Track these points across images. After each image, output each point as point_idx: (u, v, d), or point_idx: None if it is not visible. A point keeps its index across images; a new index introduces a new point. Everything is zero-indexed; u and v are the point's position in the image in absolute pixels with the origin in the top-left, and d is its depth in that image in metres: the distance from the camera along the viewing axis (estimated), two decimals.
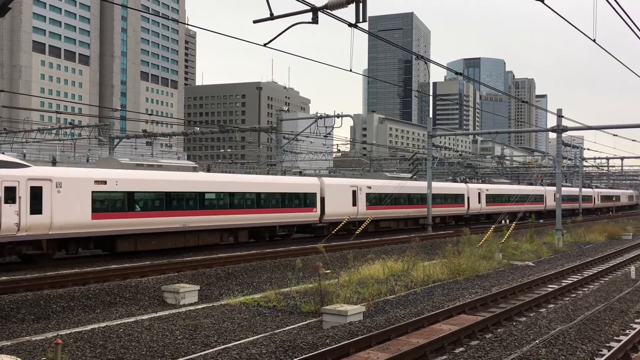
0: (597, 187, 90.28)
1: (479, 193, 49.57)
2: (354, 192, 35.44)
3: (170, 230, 25.21)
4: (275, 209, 30.28)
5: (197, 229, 26.39)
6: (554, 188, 64.08)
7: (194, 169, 28.28)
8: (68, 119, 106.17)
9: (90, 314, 14.12)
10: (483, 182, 60.37)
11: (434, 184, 42.64)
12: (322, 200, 33.05)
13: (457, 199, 46.21)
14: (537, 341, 10.93)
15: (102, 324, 12.62)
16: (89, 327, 12.30)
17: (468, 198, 47.66)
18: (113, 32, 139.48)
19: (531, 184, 70.35)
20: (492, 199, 51.65)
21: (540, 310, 14.60)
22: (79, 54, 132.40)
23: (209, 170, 30.89)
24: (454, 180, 54.43)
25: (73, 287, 16.15)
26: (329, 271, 18.63)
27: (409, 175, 47.09)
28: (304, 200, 31.93)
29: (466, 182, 50.78)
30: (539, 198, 60.54)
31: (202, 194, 26.49)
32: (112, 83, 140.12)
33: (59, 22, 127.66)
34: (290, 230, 32.21)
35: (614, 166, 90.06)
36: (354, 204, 35.28)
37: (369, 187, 36.79)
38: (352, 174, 76.90)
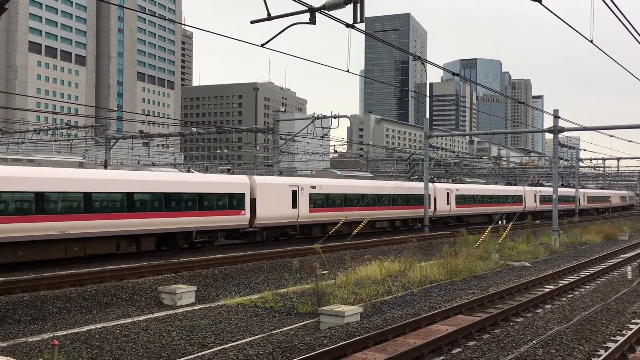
0: (584, 187, 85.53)
1: (448, 193, 45.26)
2: (295, 193, 31.51)
3: (44, 238, 21.24)
4: (190, 212, 26.17)
5: (81, 236, 22.33)
6: (535, 188, 60.96)
7: (80, 165, 24.61)
8: (64, 120, 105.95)
9: (86, 315, 14.09)
10: (454, 181, 55.77)
11: (392, 183, 39.93)
12: (253, 201, 28.93)
13: (421, 200, 40.71)
14: (534, 342, 10.94)
15: (99, 325, 12.59)
16: (86, 328, 12.27)
17: (435, 199, 43.42)
18: (109, 33, 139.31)
19: (510, 184, 66.16)
20: (462, 199, 47.46)
21: (537, 310, 14.62)
22: (75, 54, 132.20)
23: (105, 167, 26.37)
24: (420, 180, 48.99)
25: (69, 288, 16.11)
26: (326, 272, 18.62)
27: (369, 174, 42.83)
28: (229, 202, 27.81)
29: (433, 182, 46.58)
30: (517, 199, 56.27)
31: (88, 194, 22.53)
32: (109, 83, 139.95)
33: (55, 23, 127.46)
34: (212, 237, 28.16)
35: (610, 167, 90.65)
36: (294, 205, 31.36)
37: (313, 187, 32.72)
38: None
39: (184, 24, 22.44)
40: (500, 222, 38.41)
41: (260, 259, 22.95)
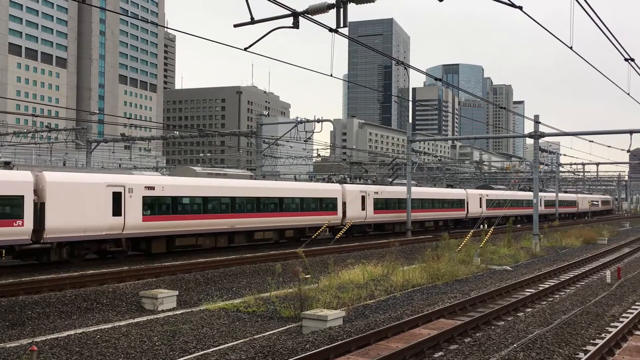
0: (543, 190, 74.81)
1: (364, 196, 37.70)
2: (118, 195, 23.42)
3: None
4: None
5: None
6: (481, 191, 54.89)
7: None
8: (44, 122, 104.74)
9: (66, 320, 13.91)
10: (374, 182, 47.03)
11: (274, 183, 33.26)
12: (42, 207, 20.89)
13: (324, 204, 34.27)
14: (515, 345, 11.03)
15: (79, 330, 12.43)
16: (65, 334, 12.11)
17: (344, 203, 36.01)
18: (91, 35, 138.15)
19: (450, 186, 57.85)
20: (384, 204, 39.88)
21: (518, 314, 14.74)
22: (56, 56, 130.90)
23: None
24: (329, 181, 40.44)
25: (49, 293, 15.90)
26: (309, 276, 18.60)
27: (248, 172, 33.96)
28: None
29: (342, 183, 38.40)
30: (458, 204, 49.88)
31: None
32: (90, 86, 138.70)
33: (36, 25, 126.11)
34: None
35: (589, 172, 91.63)
36: (117, 212, 23.27)
37: (151, 188, 24.82)
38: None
39: (167, 27, 22.31)
40: (482, 226, 38.64)
41: (242, 263, 22.86)
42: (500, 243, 31.60)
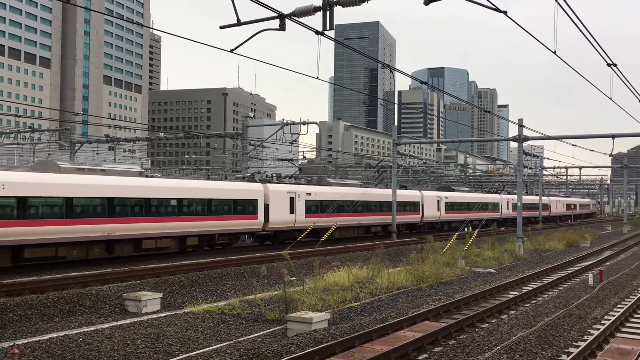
0: (508, 192, 70.05)
1: (292, 198, 32.93)
2: None
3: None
4: None
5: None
6: (439, 193, 49.53)
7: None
8: (27, 123, 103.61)
9: (48, 322, 13.76)
10: (309, 182, 40.17)
11: (171, 181, 27.93)
12: None
13: (239, 207, 29.54)
14: (498, 347, 11.10)
15: (61, 333, 12.30)
16: (47, 337, 11.97)
17: (267, 206, 31.13)
18: (75, 35, 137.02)
19: (404, 187, 49.85)
20: (318, 207, 35.24)
21: (502, 316, 14.84)
22: (40, 56, 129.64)
23: None
24: (251, 180, 33.96)
25: (30, 295, 15.71)
26: (294, 278, 18.58)
27: (136, 168, 28.07)
28: None
29: (266, 182, 33.27)
30: (412, 206, 44.84)
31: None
32: (74, 86, 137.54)
33: (19, 24, 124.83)
34: None
35: (572, 175, 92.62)
36: None
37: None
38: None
39: (152, 28, 22.21)
40: (466, 229, 38.81)
41: (227, 265, 22.78)
42: (485, 246, 31.80)
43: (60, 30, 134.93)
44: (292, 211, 33.18)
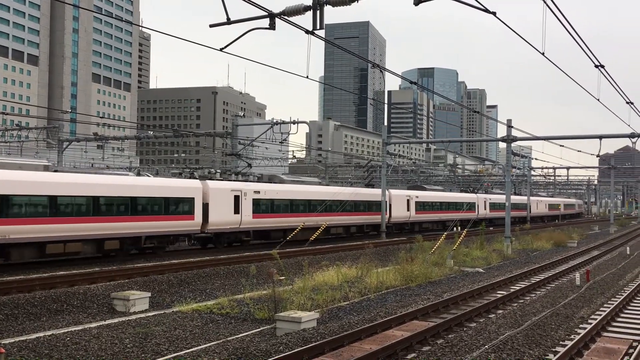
0: (486, 192, 66.26)
1: (237, 196, 30.15)
2: None
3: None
4: None
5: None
6: (408, 192, 46.04)
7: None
8: (15, 121, 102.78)
9: (35, 322, 13.66)
10: (259, 180, 35.09)
11: (83, 177, 24.26)
12: None
13: (172, 206, 26.90)
14: (486, 346, 11.17)
15: (48, 333, 12.22)
16: (34, 336, 11.89)
17: (206, 205, 28.47)
18: (64, 33, 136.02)
19: (371, 186, 47.09)
20: (269, 206, 32.40)
21: (490, 315, 14.92)
22: (28, 53, 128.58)
23: None
24: (191, 176, 31.86)
25: (17, 294, 15.59)
26: (283, 277, 18.57)
27: (41, 162, 24.64)
28: None
29: (207, 179, 30.30)
30: (378, 206, 40.44)
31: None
32: (62, 84, 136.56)
33: (7, 21, 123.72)
34: None
35: (560, 176, 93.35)
36: None
37: None
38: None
39: (141, 26, 22.15)
40: (455, 228, 38.98)
41: (217, 265, 22.73)
42: (473, 245, 31.96)
43: (49, 28, 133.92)
44: (237, 211, 30.39)
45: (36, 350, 10.75)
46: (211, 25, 13.65)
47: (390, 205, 42.47)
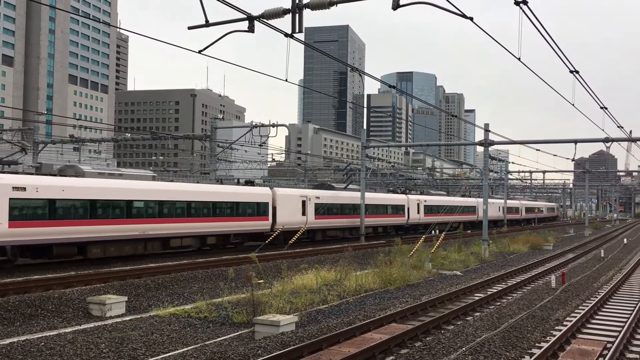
0: (423, 193, 59.84)
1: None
2: None
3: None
4: None
5: None
6: (306, 192, 38.43)
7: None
8: None
9: (8, 327, 13.41)
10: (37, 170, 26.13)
11: None
12: None
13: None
14: (463, 349, 11.25)
15: (22, 338, 12.01)
16: (7, 341, 11.67)
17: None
18: (40, 33, 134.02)
19: (250, 183, 37.26)
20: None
21: (467, 318, 15.03)
22: (3, 54, 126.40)
23: None
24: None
25: None
26: (262, 281, 18.51)
27: None
28: None
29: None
30: (257, 209, 33.03)
31: None
32: (38, 86, 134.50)
33: None
34: None
35: (536, 179, 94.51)
36: None
37: None
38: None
39: (119, 27, 21.92)
40: (433, 232, 39.22)
41: (195, 268, 22.56)
42: (451, 248, 32.20)
43: (24, 28, 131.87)
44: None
45: (9, 355, 10.55)
46: (190, 27, 13.57)
47: (275, 207, 33.95)
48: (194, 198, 29.20)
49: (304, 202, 37.54)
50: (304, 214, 37.12)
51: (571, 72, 18.82)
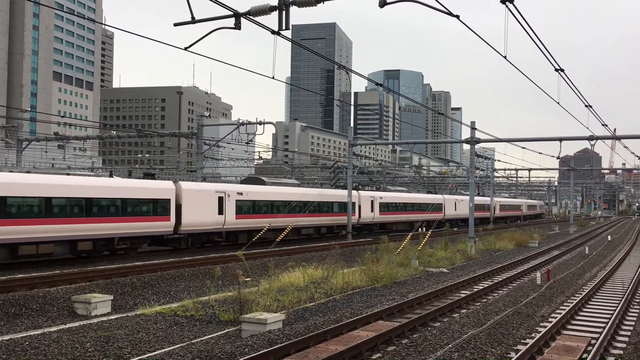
0: (380, 189, 55.97)
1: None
2: None
3: None
4: None
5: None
6: (234, 187, 33.65)
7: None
8: None
9: None
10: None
11: None
12: None
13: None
14: (450, 345, 11.30)
15: (6, 337, 11.88)
16: None
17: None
18: (24, 29, 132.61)
19: (153, 176, 32.93)
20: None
21: (454, 315, 15.11)
22: None
23: None
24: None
25: None
26: (248, 279, 18.46)
27: None
28: None
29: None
30: (153, 208, 27.94)
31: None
32: (22, 82, 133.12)
33: None
34: None
35: (522, 177, 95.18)
36: None
37: None
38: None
39: (104, 24, 21.77)
40: (420, 229, 39.35)
41: (181, 267, 22.46)
42: (438, 246, 32.34)
43: (8, 24, 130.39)
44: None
45: None
46: (175, 24, 13.49)
47: (179, 205, 29.33)
48: (58, 194, 23.51)
49: (220, 199, 31.71)
50: (220, 212, 31.50)
51: (556, 70, 18.96)
